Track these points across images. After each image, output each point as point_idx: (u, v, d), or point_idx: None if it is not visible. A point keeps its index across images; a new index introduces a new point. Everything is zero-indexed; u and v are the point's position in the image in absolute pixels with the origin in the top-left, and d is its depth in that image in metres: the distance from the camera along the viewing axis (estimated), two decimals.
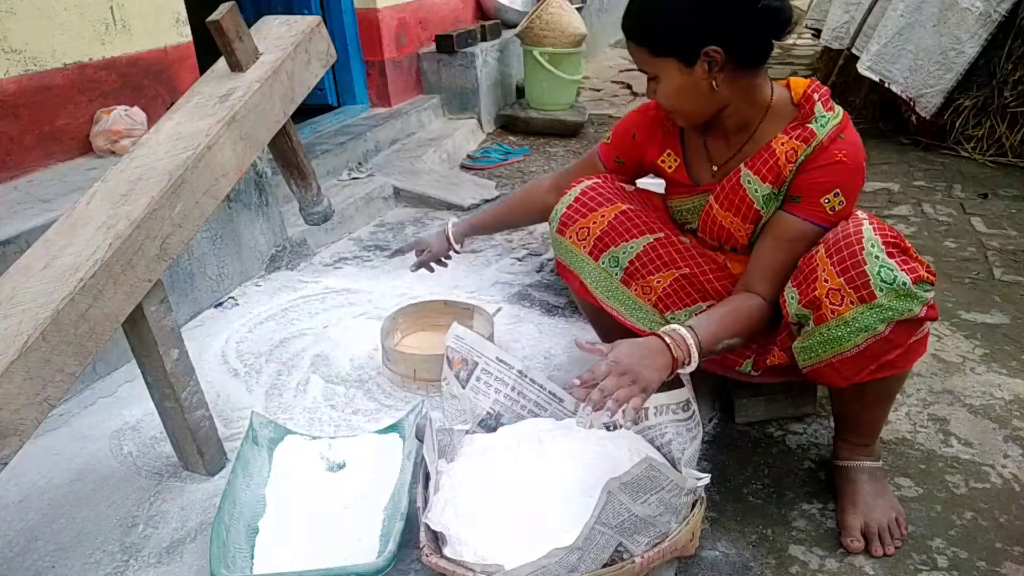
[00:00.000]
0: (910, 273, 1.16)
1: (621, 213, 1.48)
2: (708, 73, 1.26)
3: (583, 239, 1.49)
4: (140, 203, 1.30)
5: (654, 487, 1.12)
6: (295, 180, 1.74)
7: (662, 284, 1.47)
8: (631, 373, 1.14)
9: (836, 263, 1.20)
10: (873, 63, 3.60)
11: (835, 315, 1.19)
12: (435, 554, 1.16)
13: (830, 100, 1.34)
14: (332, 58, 1.69)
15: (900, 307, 1.16)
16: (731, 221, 1.40)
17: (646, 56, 1.28)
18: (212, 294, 2.27)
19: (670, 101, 1.32)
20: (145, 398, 1.52)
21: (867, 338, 1.18)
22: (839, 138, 1.29)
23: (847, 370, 1.23)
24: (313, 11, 3.53)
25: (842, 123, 1.31)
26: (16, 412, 1.12)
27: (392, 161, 3.42)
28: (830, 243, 1.23)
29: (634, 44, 1.29)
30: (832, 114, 1.31)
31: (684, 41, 1.24)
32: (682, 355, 1.20)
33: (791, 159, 1.30)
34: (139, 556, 1.34)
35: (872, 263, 1.16)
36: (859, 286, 1.17)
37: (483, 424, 1.45)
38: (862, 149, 1.32)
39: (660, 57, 1.27)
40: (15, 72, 2.09)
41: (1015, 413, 1.63)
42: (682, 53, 1.25)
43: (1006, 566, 1.25)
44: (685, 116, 1.36)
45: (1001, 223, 2.65)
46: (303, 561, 1.25)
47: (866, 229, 1.20)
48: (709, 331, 1.24)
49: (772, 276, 1.32)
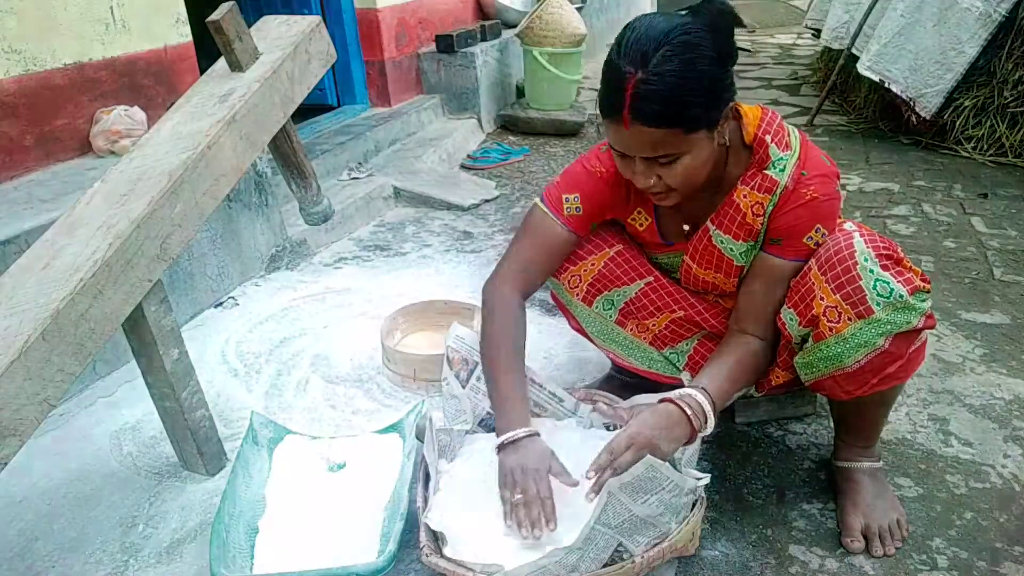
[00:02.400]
0: (906, 284, 1.14)
1: (611, 260, 1.43)
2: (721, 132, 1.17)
3: (575, 286, 1.47)
4: (140, 203, 1.30)
5: (654, 487, 1.11)
6: (295, 180, 1.74)
7: (658, 326, 1.46)
8: (649, 447, 1.11)
9: (831, 280, 1.18)
10: (873, 63, 3.60)
11: (833, 332, 1.18)
12: (435, 554, 1.16)
13: (783, 133, 1.24)
14: (332, 58, 1.69)
15: (899, 320, 1.15)
16: (713, 276, 1.37)
17: (677, 137, 1.11)
18: (212, 294, 2.27)
19: (689, 178, 1.17)
20: (145, 398, 1.52)
21: (867, 353, 1.17)
22: (802, 175, 1.22)
23: (849, 384, 1.22)
24: (313, 11, 3.53)
25: (801, 157, 1.23)
26: (16, 412, 1.12)
27: (392, 161, 3.42)
28: (823, 260, 1.20)
29: (662, 128, 1.09)
30: (789, 153, 1.22)
31: (717, 105, 1.12)
32: (700, 423, 1.17)
33: (758, 212, 1.25)
34: (139, 556, 1.34)
35: (867, 277, 1.15)
36: (856, 302, 1.15)
37: (483, 424, 1.45)
38: (830, 173, 1.24)
39: (693, 133, 1.11)
40: (15, 72, 2.09)
41: (1015, 413, 1.63)
42: (711, 118, 1.12)
43: (1006, 566, 1.25)
44: (688, 192, 1.21)
45: (1001, 223, 2.65)
46: (303, 561, 1.25)
47: (857, 242, 1.17)
48: (722, 389, 1.22)
49: (767, 317, 1.29)
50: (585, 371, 1.84)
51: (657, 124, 1.09)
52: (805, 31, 6.20)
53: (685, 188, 1.20)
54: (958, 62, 3.29)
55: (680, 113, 1.08)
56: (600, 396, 1.51)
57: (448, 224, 2.92)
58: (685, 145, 1.12)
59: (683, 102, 1.07)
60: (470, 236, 2.79)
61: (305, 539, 1.31)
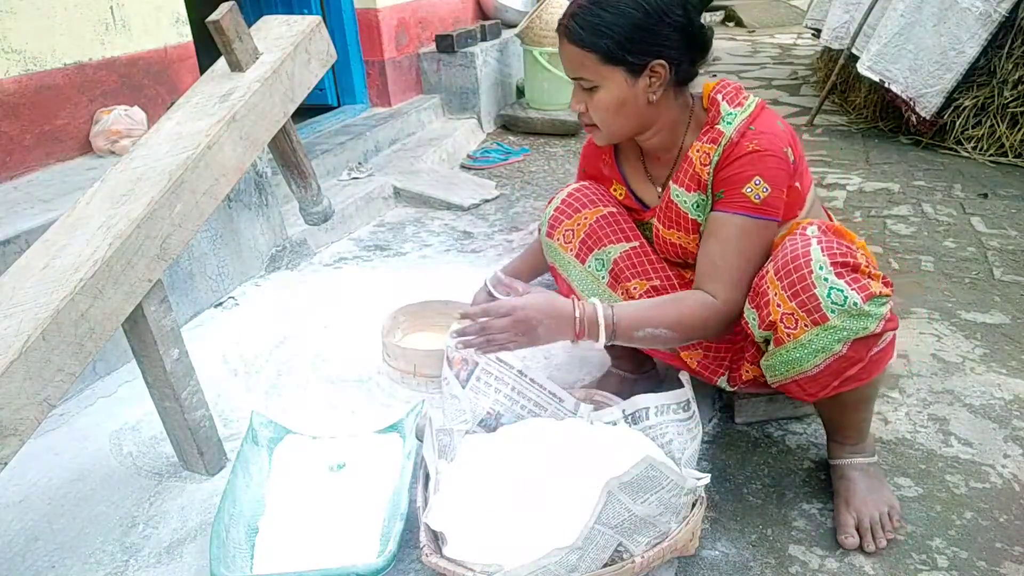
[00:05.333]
0: (861, 292, 1.14)
1: (602, 217, 1.50)
2: (648, 87, 1.27)
3: (569, 241, 1.52)
4: (140, 203, 1.30)
5: (654, 487, 1.12)
6: (295, 180, 1.74)
7: (638, 291, 1.48)
8: (526, 327, 1.21)
9: (786, 287, 1.19)
10: (873, 63, 3.61)
11: (791, 338, 1.20)
12: (435, 554, 1.16)
13: (739, 95, 1.33)
14: (332, 58, 1.69)
15: (855, 326, 1.16)
16: (678, 236, 1.42)
17: (593, 63, 1.26)
18: (212, 294, 2.27)
19: (606, 113, 1.30)
20: (145, 398, 1.52)
21: (826, 358, 1.19)
22: (749, 130, 1.28)
23: (811, 387, 1.25)
24: (313, 11, 3.53)
25: (752, 114, 1.30)
26: (16, 412, 1.12)
27: (392, 161, 3.42)
28: (779, 264, 1.21)
29: (579, 48, 1.26)
30: (740, 109, 1.30)
31: (638, 52, 1.24)
32: (586, 332, 1.24)
33: (705, 162, 1.31)
34: (139, 556, 1.34)
35: (821, 286, 1.15)
36: (811, 309, 1.16)
37: (483, 424, 1.45)
38: (781, 135, 1.29)
39: (609, 65, 1.25)
40: (15, 72, 2.09)
41: (1015, 413, 1.63)
42: (632, 64, 1.25)
43: (1006, 566, 1.25)
44: (613, 130, 1.35)
45: (1001, 223, 2.65)
46: (303, 561, 1.26)
47: (814, 250, 1.18)
48: (632, 316, 1.25)
49: (720, 275, 1.29)
50: (585, 371, 1.84)
51: (577, 43, 1.26)
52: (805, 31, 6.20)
53: (607, 127, 1.33)
54: (958, 62, 3.29)
55: (596, 40, 1.24)
56: (600, 395, 1.51)
57: (448, 224, 2.92)
58: (600, 74, 1.27)
59: (599, 30, 1.23)
60: (470, 236, 2.79)
61: (305, 539, 1.31)
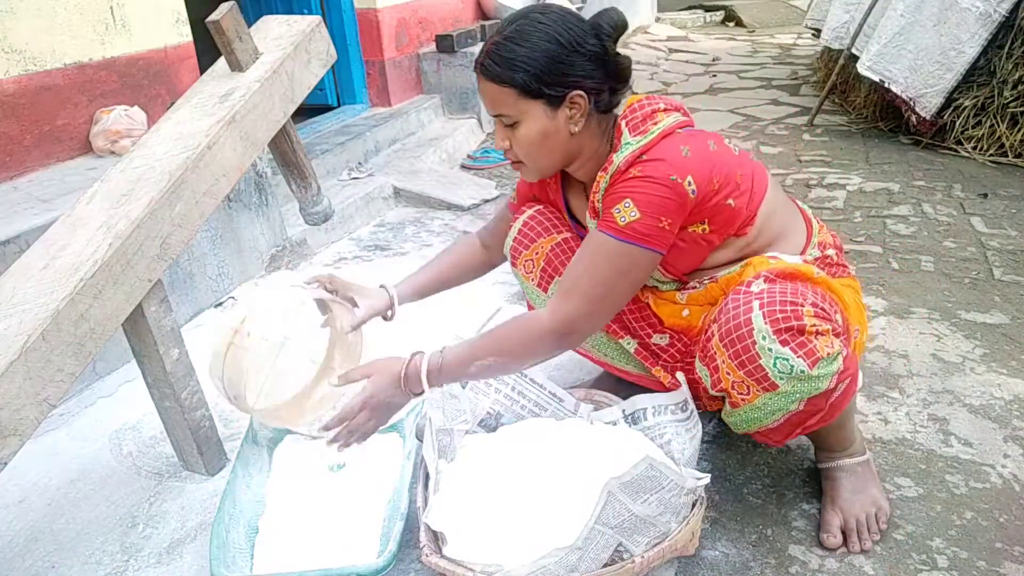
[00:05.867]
0: (807, 358, 1.13)
1: (557, 245, 1.49)
2: (569, 119, 1.26)
3: (530, 272, 1.52)
4: (140, 203, 1.30)
5: (654, 487, 1.12)
6: (295, 180, 1.74)
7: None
8: (380, 407, 1.29)
9: (732, 356, 1.18)
10: (873, 63, 3.60)
11: (745, 402, 1.21)
12: (435, 554, 1.16)
13: (648, 120, 1.26)
14: (332, 58, 1.69)
15: (806, 388, 1.15)
16: None
17: (512, 98, 1.23)
18: (212, 294, 2.27)
19: (530, 148, 1.27)
20: (145, 398, 1.52)
21: (783, 415, 1.20)
22: (639, 159, 1.23)
23: (775, 436, 1.26)
24: (313, 11, 3.53)
25: (650, 142, 1.24)
26: (16, 412, 1.12)
27: (392, 161, 3.42)
28: (723, 330, 1.19)
29: (496, 84, 1.23)
30: (639, 138, 1.25)
31: (555, 83, 1.22)
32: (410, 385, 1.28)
33: (596, 190, 1.30)
34: (139, 556, 1.34)
35: (766, 356, 1.14)
36: (759, 379, 1.16)
37: (483, 424, 1.45)
38: (677, 163, 1.20)
39: (527, 99, 1.23)
40: (15, 72, 2.09)
41: (1015, 413, 1.63)
42: (550, 96, 1.23)
43: (1006, 566, 1.25)
44: (539, 164, 1.32)
45: (1001, 223, 2.65)
46: (303, 561, 1.26)
47: (755, 317, 1.14)
48: (458, 354, 1.28)
49: (561, 286, 1.27)
50: (585, 371, 1.84)
51: (494, 80, 1.23)
52: (805, 31, 6.20)
53: (532, 162, 1.31)
54: (958, 62, 3.29)
55: (512, 75, 1.21)
56: (600, 395, 1.51)
57: (448, 224, 2.92)
58: (518, 109, 1.24)
59: (514, 65, 1.21)
60: None
61: (305, 539, 1.31)
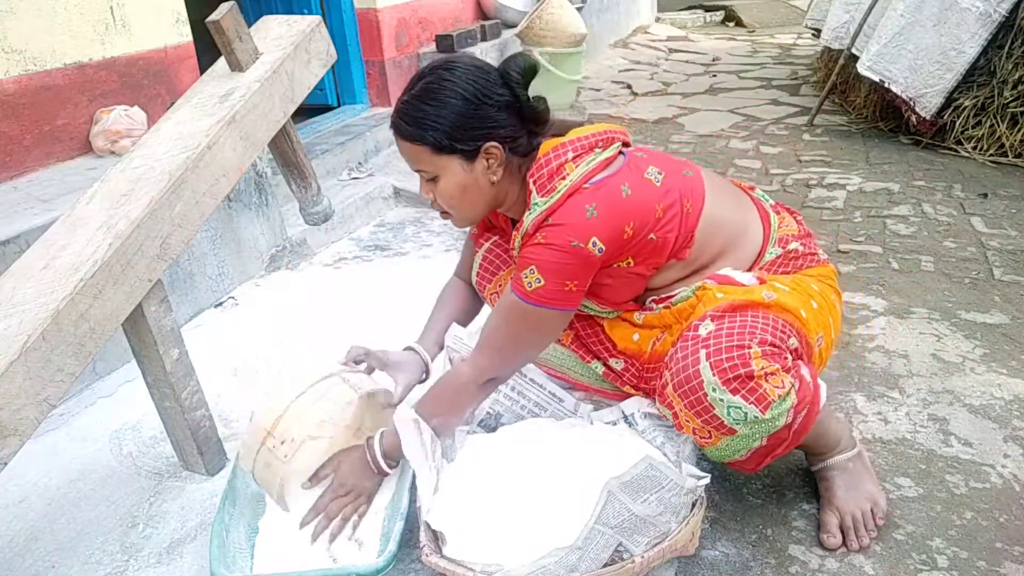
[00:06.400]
0: (759, 404, 1.14)
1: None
2: (487, 169, 1.27)
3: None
4: (140, 203, 1.30)
5: (654, 487, 1.12)
6: (295, 180, 1.74)
7: (567, 338, 1.47)
8: (353, 490, 1.31)
9: (688, 406, 1.19)
10: (873, 63, 3.60)
11: (709, 445, 1.23)
12: (435, 554, 1.16)
13: (554, 178, 1.27)
14: (332, 58, 1.69)
15: (764, 429, 1.17)
16: None
17: (427, 155, 1.25)
18: (212, 294, 2.27)
19: (452, 200, 1.30)
20: (145, 398, 1.52)
21: (748, 451, 1.22)
22: (545, 223, 1.24)
23: (748, 465, 1.27)
24: (313, 11, 3.53)
25: (555, 204, 1.24)
26: (16, 412, 1.12)
27: (392, 161, 3.42)
28: (676, 380, 1.20)
29: (411, 144, 1.25)
30: (545, 199, 1.25)
31: (466, 139, 1.24)
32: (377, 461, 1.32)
33: (512, 246, 1.33)
34: (139, 556, 1.34)
35: (720, 406, 1.16)
36: (717, 426, 1.18)
37: (483, 424, 1.45)
38: (579, 227, 1.21)
39: (442, 155, 1.25)
40: (15, 72, 2.09)
41: (1015, 413, 1.63)
42: (463, 151, 1.25)
43: (1006, 566, 1.25)
44: (465, 215, 1.34)
45: (1001, 223, 2.65)
46: (303, 561, 1.25)
47: (703, 369, 1.16)
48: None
49: (480, 340, 1.33)
50: None
51: (407, 139, 1.26)
52: (805, 31, 6.19)
53: (457, 212, 1.33)
54: (958, 62, 3.29)
55: (423, 134, 1.23)
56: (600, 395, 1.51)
57: (448, 224, 2.91)
58: (435, 165, 1.26)
59: (424, 124, 1.23)
60: None
61: (305, 539, 1.31)
